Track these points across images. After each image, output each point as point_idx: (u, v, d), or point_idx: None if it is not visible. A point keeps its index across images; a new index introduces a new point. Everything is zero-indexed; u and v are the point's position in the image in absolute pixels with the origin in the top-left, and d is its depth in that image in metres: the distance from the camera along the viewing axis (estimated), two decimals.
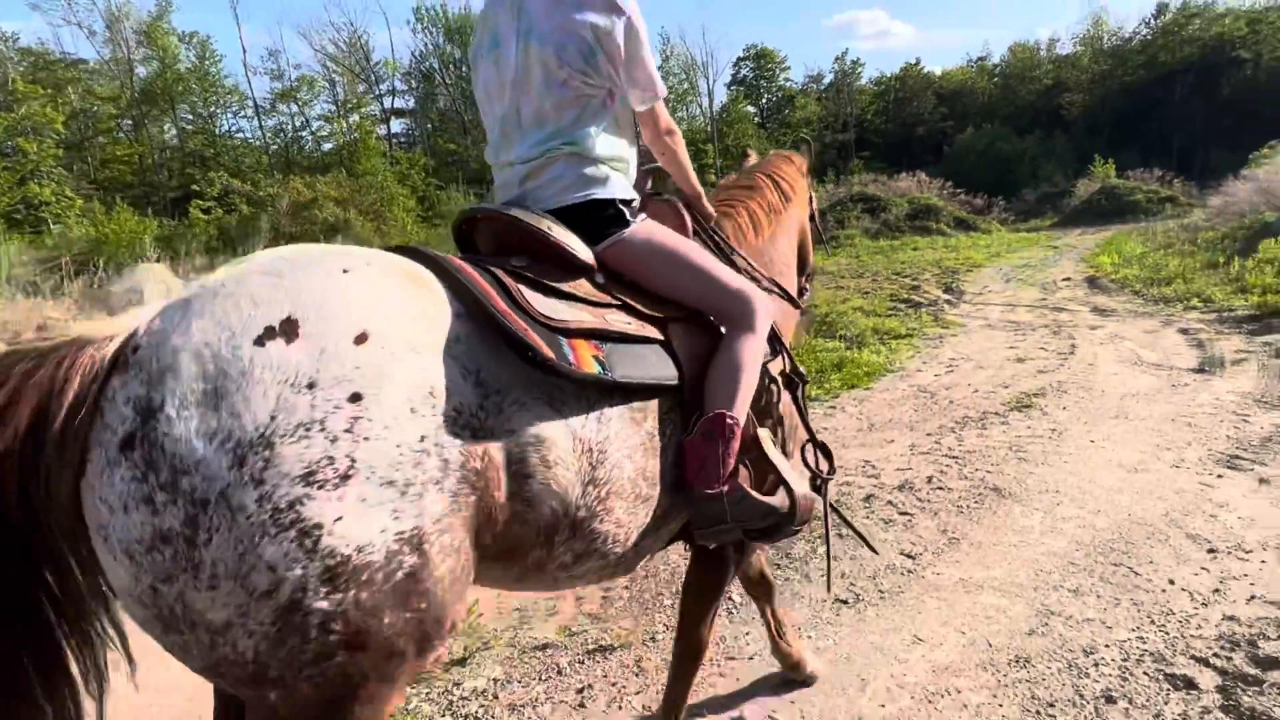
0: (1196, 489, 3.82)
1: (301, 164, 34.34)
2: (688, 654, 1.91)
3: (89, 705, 1.13)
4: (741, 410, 1.53)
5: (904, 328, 9.82)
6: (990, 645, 2.56)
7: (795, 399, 1.81)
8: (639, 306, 1.57)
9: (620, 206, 1.65)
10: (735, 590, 2.84)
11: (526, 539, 1.29)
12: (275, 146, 37.74)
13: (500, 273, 1.38)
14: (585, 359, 1.36)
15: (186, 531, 0.97)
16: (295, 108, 37.02)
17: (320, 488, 1.00)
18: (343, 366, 1.06)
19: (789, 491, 1.60)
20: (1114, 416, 5.16)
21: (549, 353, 1.29)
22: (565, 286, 1.48)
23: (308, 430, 1.01)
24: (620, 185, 1.68)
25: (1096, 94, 43.46)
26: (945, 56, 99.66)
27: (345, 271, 1.18)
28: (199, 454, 0.97)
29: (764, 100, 55.29)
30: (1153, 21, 43.49)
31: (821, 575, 2.97)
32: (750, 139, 47.67)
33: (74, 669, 1.10)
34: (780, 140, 50.41)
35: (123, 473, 0.98)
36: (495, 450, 1.21)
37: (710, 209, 1.99)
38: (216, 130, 35.81)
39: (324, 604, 1.01)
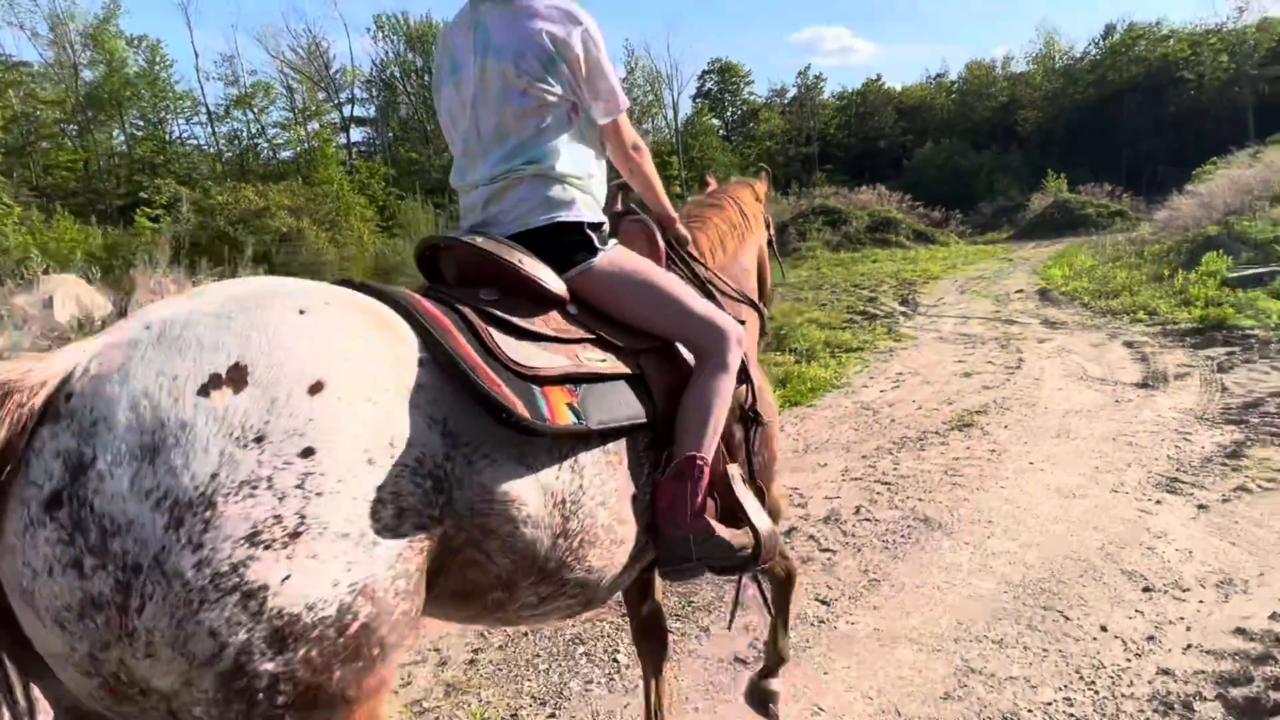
0: (1134, 516, 3.61)
1: (257, 172, 33.51)
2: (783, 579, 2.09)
3: None
4: (710, 448, 1.49)
5: (856, 340, 9.66)
6: (899, 715, 2.27)
7: (748, 439, 1.73)
8: (611, 340, 1.50)
9: (588, 231, 1.58)
10: (623, 651, 2.52)
11: (485, 584, 1.23)
12: (230, 154, 36.78)
13: (469, 312, 1.31)
14: (559, 409, 1.29)
15: (118, 599, 0.89)
16: (251, 114, 36.13)
17: (267, 548, 0.93)
18: (294, 419, 0.99)
19: (754, 531, 1.56)
20: (1055, 435, 4.98)
21: (524, 412, 1.21)
22: (537, 323, 1.41)
23: (254, 488, 0.94)
24: (587, 207, 1.61)
25: (1049, 111, 44.54)
26: (905, 73, 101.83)
27: (301, 313, 1.09)
28: (131, 514, 0.89)
29: (729, 113, 55.70)
30: (1101, 42, 44.82)
31: (722, 628, 2.64)
32: (715, 151, 47.90)
33: None
34: (745, 152, 50.73)
35: (47, 534, 0.90)
36: (459, 500, 1.15)
37: (684, 231, 1.91)
38: (167, 136, 34.76)
39: (270, 666, 0.94)
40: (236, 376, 0.98)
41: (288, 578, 0.93)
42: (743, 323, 1.77)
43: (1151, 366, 6.84)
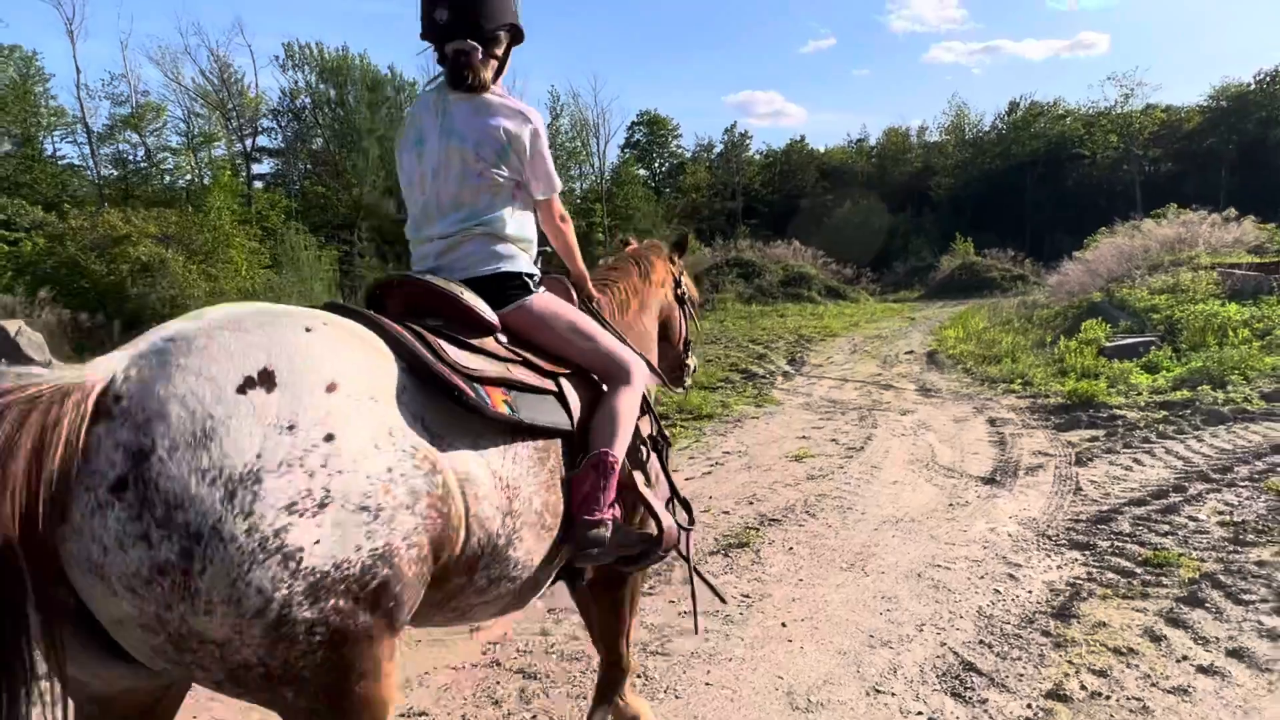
0: None
1: (144, 198, 31.08)
2: (612, 665, 2.21)
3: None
4: (620, 450, 1.77)
5: (711, 406, 8.59)
6: None
7: (660, 459, 2.07)
8: (537, 362, 1.78)
9: (525, 279, 1.89)
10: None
11: (452, 565, 1.41)
12: (114, 176, 34.15)
13: (422, 330, 1.55)
14: (498, 402, 1.56)
15: (183, 564, 1.06)
16: (138, 137, 33.74)
17: (301, 516, 1.13)
18: (316, 411, 1.20)
19: (658, 522, 1.91)
20: (848, 566, 3.82)
21: (470, 393, 1.49)
22: (475, 343, 1.67)
23: (289, 467, 1.14)
24: (525, 262, 1.93)
25: (960, 178, 46.21)
26: (831, 137, 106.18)
27: (308, 330, 1.32)
28: (191, 491, 1.07)
29: (656, 164, 56.02)
30: (1006, 117, 47.06)
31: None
32: (640, 200, 47.71)
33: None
34: (672, 204, 50.78)
35: (116, 513, 1.05)
36: (451, 482, 1.38)
37: (592, 290, 2.23)
38: (36, 154, 31.96)
39: (307, 614, 1.14)
40: (266, 379, 1.18)
41: (318, 541, 1.14)
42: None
43: (1006, 453, 5.95)
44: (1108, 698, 2.53)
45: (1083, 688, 2.60)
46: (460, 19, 1.79)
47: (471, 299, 1.73)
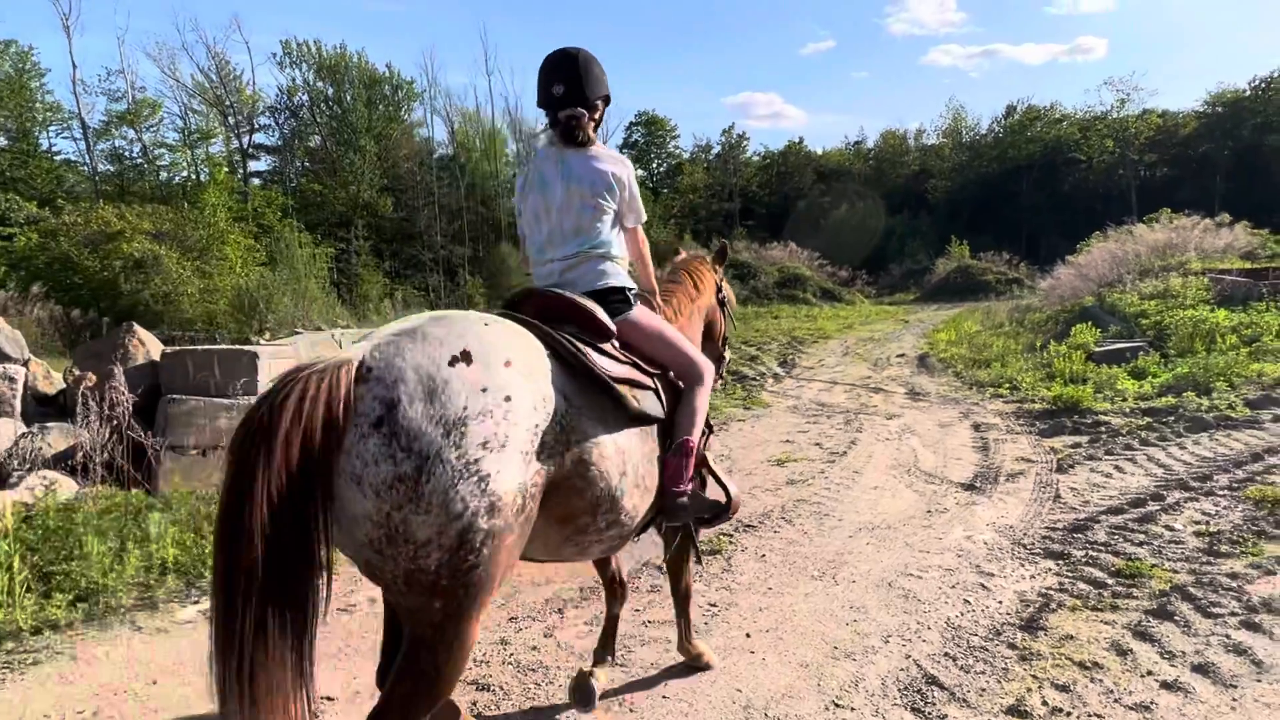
0: None
1: (140, 194, 30.97)
2: (681, 595, 2.84)
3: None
4: (697, 437, 2.31)
5: None
6: None
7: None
8: (643, 365, 2.26)
9: (626, 293, 2.39)
10: None
11: (581, 508, 1.93)
12: (109, 172, 34.05)
13: (566, 336, 2.03)
14: (625, 395, 2.07)
15: (415, 475, 1.54)
16: (134, 133, 33.63)
17: (490, 452, 1.61)
18: (500, 379, 1.70)
19: (727, 492, 2.48)
20: (819, 575, 3.76)
21: (616, 388, 2.03)
22: (605, 347, 2.16)
23: (484, 417, 1.63)
24: (625, 277, 2.42)
25: (957, 181, 46.19)
26: (828, 139, 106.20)
27: (486, 325, 1.86)
28: (424, 428, 1.56)
29: (654, 165, 55.95)
30: (1003, 120, 47.05)
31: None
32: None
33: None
34: (669, 204, 50.69)
35: (375, 441, 1.55)
36: (572, 440, 1.86)
37: (660, 302, 2.70)
38: (31, 150, 31.85)
39: (484, 524, 1.60)
40: (466, 356, 1.68)
41: (499, 472, 1.62)
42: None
43: (989, 459, 5.92)
44: (1068, 714, 2.49)
45: (1044, 703, 2.55)
46: (571, 92, 2.32)
47: (599, 312, 2.23)
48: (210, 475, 5.28)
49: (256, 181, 39.53)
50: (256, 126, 39.61)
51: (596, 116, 2.40)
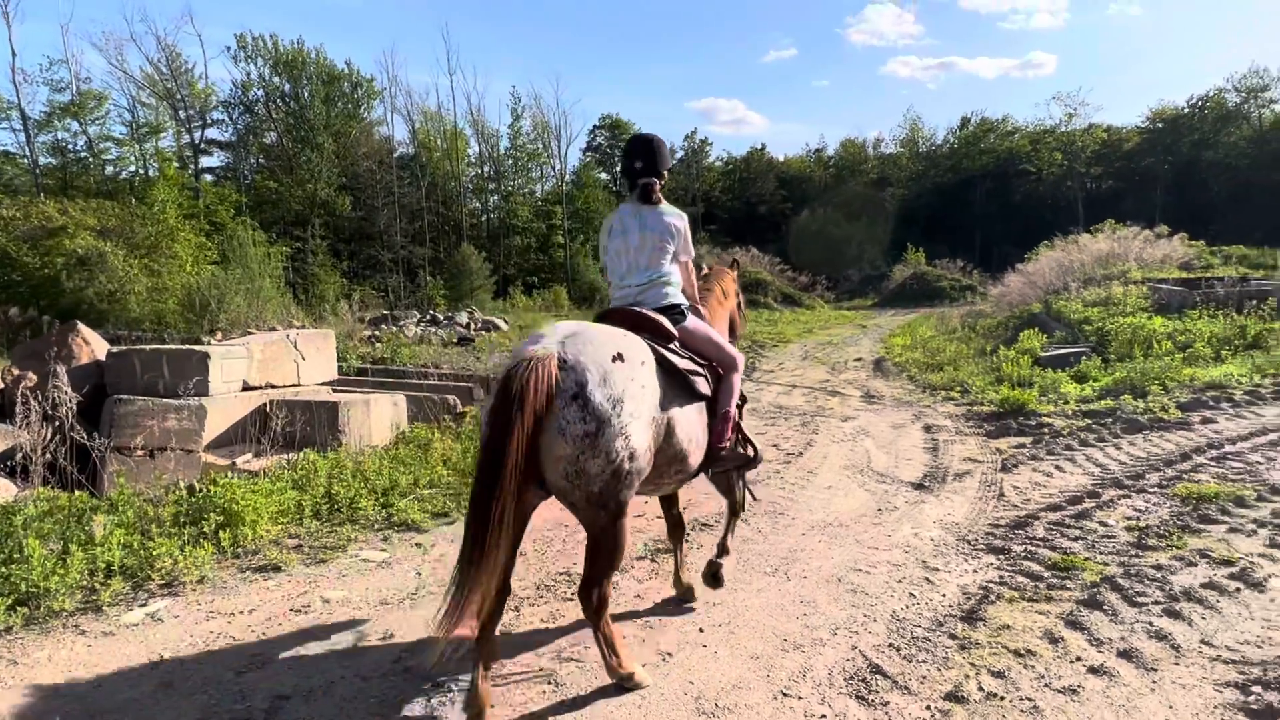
0: None
1: (84, 189, 29.86)
2: (732, 512, 3.75)
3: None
4: (733, 407, 3.20)
5: None
6: None
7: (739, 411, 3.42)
8: (695, 359, 3.11)
9: (682, 308, 3.27)
10: None
11: (666, 458, 2.82)
12: (52, 165, 32.74)
13: (649, 341, 2.91)
14: (690, 380, 2.98)
15: (595, 431, 2.42)
16: (78, 125, 32.41)
17: (633, 420, 2.51)
18: (638, 372, 2.61)
19: (754, 448, 3.42)
20: (770, 572, 3.86)
21: (690, 377, 2.97)
22: (671, 346, 3.03)
23: (633, 397, 2.52)
24: (680, 296, 3.29)
25: (914, 190, 47.36)
26: (790, 146, 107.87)
27: (625, 335, 2.77)
28: (601, 403, 2.43)
29: (617, 168, 55.95)
30: (958, 131, 48.41)
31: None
32: (600, 204, 47.64)
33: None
34: None
35: (573, 408, 2.42)
36: (663, 413, 2.75)
37: (702, 310, 3.56)
38: None
39: (628, 465, 2.51)
40: (620, 357, 2.56)
41: (637, 433, 2.53)
42: None
43: (938, 459, 6.12)
44: (1002, 699, 2.62)
45: (980, 689, 2.68)
46: (647, 166, 3.24)
47: (666, 323, 3.11)
48: (160, 476, 5.16)
49: (209, 178, 38.45)
50: (209, 121, 38.51)
51: (662, 183, 3.30)
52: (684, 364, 2.95)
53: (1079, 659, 2.88)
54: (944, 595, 3.52)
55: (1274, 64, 56.40)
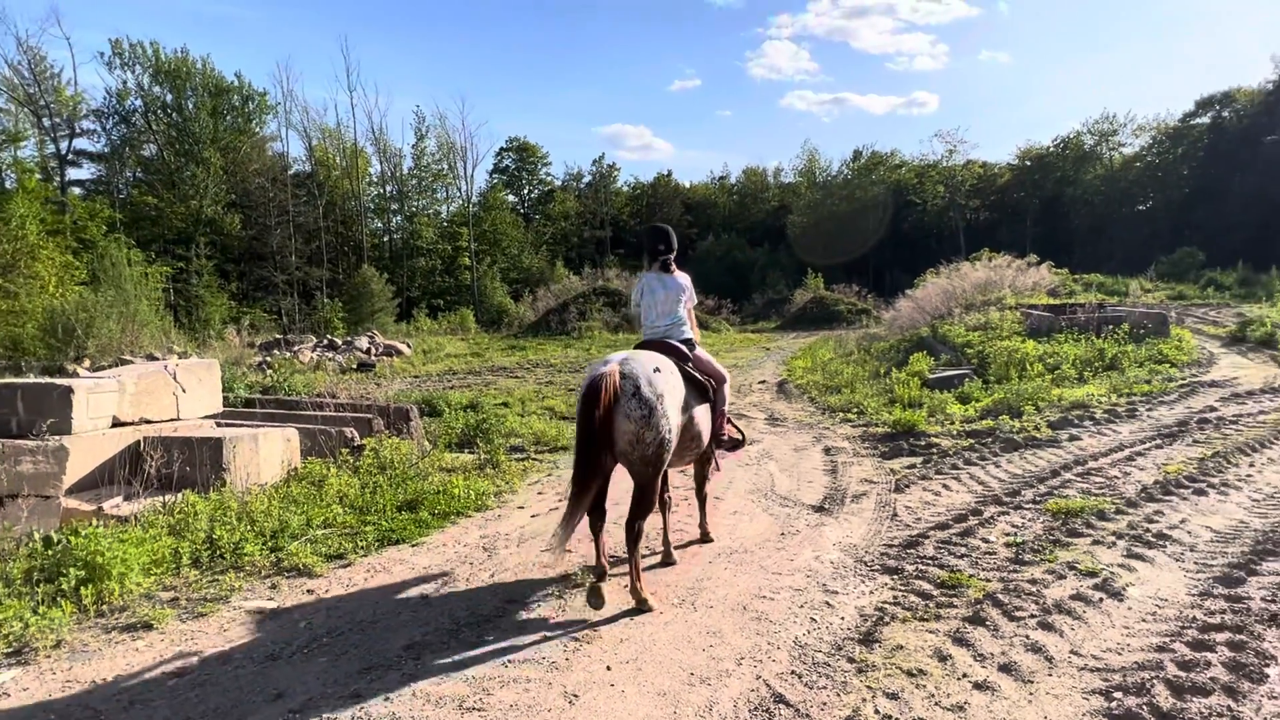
0: None
1: None
2: (701, 492, 5.07)
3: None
4: (725, 406, 4.72)
5: (565, 438, 8.54)
6: None
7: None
8: (706, 374, 4.49)
9: (693, 341, 4.67)
10: None
11: (689, 437, 4.23)
12: None
13: (677, 360, 4.29)
14: (704, 386, 4.43)
15: (648, 416, 3.80)
16: None
17: (670, 408, 3.92)
18: (671, 379, 4.05)
19: (741, 434, 5.00)
20: (678, 603, 3.90)
21: (708, 387, 4.47)
22: (689, 365, 4.39)
23: (670, 392, 3.95)
24: (691, 332, 4.70)
25: (812, 217, 49.61)
26: (696, 173, 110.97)
27: (659, 355, 4.17)
28: (650, 397, 3.81)
29: (525, 190, 55.76)
30: (851, 163, 51.30)
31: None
32: (508, 226, 47.20)
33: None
34: (541, 230, 50.62)
35: (634, 400, 3.78)
36: (686, 407, 4.16)
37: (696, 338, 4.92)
38: None
39: (668, 438, 3.91)
40: (659, 370, 3.99)
41: (672, 417, 4.01)
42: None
43: (837, 481, 6.36)
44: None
45: (876, 712, 2.78)
46: (667, 248, 4.65)
47: (685, 349, 4.48)
48: (10, 528, 4.64)
49: (77, 191, 35.55)
50: (78, 131, 35.72)
51: (674, 257, 4.71)
52: (698, 376, 4.37)
53: (965, 675, 3.04)
54: (843, 618, 3.64)
55: (1122, 110, 63.13)
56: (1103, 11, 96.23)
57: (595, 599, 3.74)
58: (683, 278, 4.67)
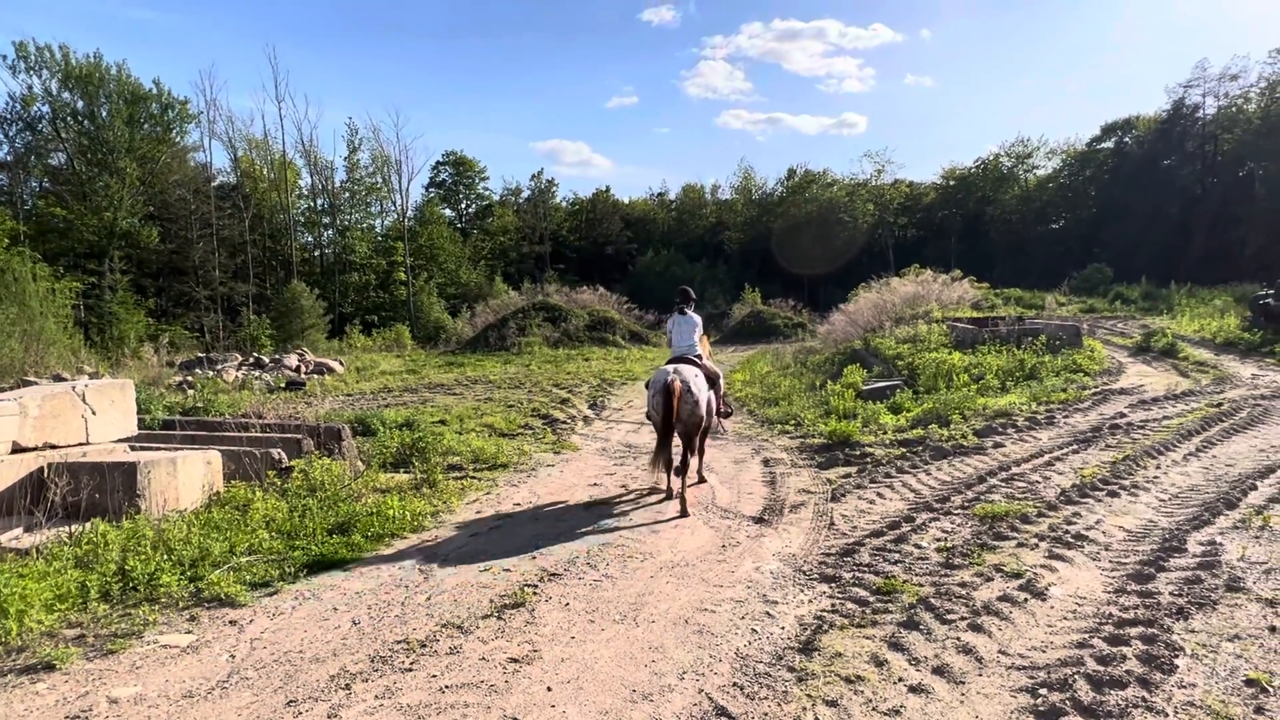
0: None
1: None
2: (700, 446, 7.03)
3: None
4: (723, 391, 7.50)
5: (504, 455, 8.40)
6: None
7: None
8: (711, 374, 7.09)
9: (703, 356, 7.32)
10: None
11: (707, 411, 6.64)
12: None
13: (698, 367, 6.99)
14: (714, 378, 7.17)
15: (696, 401, 6.36)
16: None
17: (704, 396, 6.48)
18: (701, 379, 6.58)
19: (729, 407, 8.46)
20: (619, 619, 3.87)
21: (718, 377, 7.34)
22: (703, 369, 6.92)
23: (702, 389, 6.49)
24: (702, 350, 7.38)
25: (749, 234, 50.65)
26: (634, 189, 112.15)
27: (690, 365, 6.74)
28: (695, 391, 6.36)
29: (463, 205, 55.04)
30: (785, 181, 52.65)
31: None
32: (445, 240, 46.44)
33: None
34: (480, 245, 49.99)
35: (690, 394, 6.32)
36: (705, 394, 6.63)
37: (707, 353, 7.70)
38: None
39: (705, 411, 6.55)
40: (696, 374, 6.56)
41: (706, 397, 6.57)
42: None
43: (776, 492, 6.47)
44: None
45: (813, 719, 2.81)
46: (687, 300, 7.43)
47: (700, 361, 7.01)
48: None
49: None
50: None
51: (693, 304, 7.37)
52: (711, 374, 6.72)
53: (900, 679, 3.11)
54: (783, 628, 3.68)
55: (1035, 134, 66.75)
56: (1017, 39, 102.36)
57: (669, 494, 6.50)
58: (698, 316, 7.37)
